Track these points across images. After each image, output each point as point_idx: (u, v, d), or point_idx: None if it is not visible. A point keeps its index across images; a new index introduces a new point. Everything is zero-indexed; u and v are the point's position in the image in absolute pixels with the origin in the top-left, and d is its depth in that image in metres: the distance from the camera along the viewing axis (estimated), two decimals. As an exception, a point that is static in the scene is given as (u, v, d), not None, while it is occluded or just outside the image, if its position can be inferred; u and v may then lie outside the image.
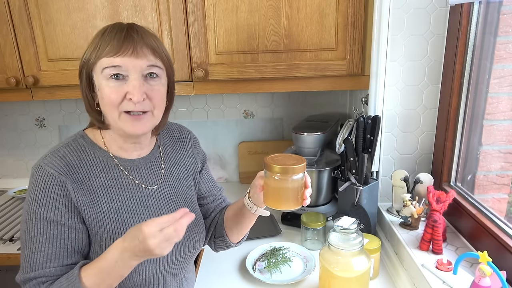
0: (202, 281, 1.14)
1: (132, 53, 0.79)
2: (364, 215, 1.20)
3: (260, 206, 0.93)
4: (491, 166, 1.11)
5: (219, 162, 1.87)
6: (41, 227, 0.80)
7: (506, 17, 1.01)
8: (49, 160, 0.82)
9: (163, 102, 0.87)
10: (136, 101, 0.79)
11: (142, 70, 0.81)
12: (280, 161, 0.82)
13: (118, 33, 0.79)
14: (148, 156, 0.95)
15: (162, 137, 1.01)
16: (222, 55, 1.33)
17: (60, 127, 1.86)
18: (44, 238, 0.80)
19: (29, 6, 1.29)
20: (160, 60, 0.84)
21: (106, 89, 0.80)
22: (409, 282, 1.03)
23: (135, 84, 0.79)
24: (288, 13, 1.28)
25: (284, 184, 0.82)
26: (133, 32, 0.80)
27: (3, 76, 1.36)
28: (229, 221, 1.02)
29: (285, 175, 0.81)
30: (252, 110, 1.81)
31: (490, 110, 1.07)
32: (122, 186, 0.89)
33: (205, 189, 1.08)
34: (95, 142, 0.89)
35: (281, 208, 0.85)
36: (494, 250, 0.92)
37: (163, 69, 0.85)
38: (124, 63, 0.78)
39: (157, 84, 0.84)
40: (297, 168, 0.80)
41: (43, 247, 0.80)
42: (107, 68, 0.79)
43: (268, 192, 0.85)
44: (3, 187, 1.86)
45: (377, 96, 1.23)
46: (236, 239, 1.05)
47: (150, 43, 0.82)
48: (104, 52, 0.79)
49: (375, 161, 1.27)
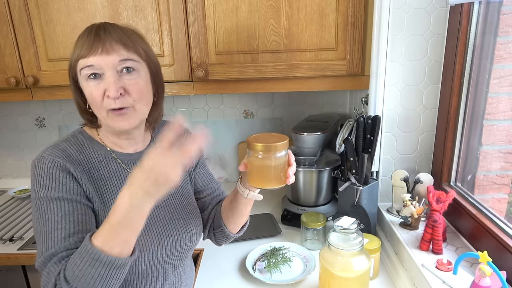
0: (202, 280, 1.14)
1: (102, 51, 0.81)
2: (364, 215, 1.20)
3: (251, 189, 0.93)
4: (491, 166, 1.11)
5: (219, 162, 1.87)
6: (54, 207, 0.78)
7: (506, 17, 1.01)
8: (51, 151, 0.83)
9: (145, 95, 0.87)
10: (113, 97, 0.81)
11: (115, 66, 0.82)
12: (262, 139, 0.81)
13: (89, 35, 0.82)
14: (144, 151, 0.96)
15: (158, 133, 1.03)
16: (222, 55, 1.33)
17: (60, 127, 1.86)
18: (59, 216, 0.77)
19: (29, 6, 1.29)
20: (135, 53, 0.84)
21: (87, 89, 0.83)
22: (409, 282, 1.03)
23: (110, 80, 0.81)
24: (288, 13, 1.28)
25: (266, 162, 0.81)
26: (100, 31, 0.83)
27: (3, 76, 1.36)
28: (226, 210, 1.03)
29: (268, 153, 0.80)
30: (252, 110, 1.81)
31: (490, 110, 1.07)
32: (120, 178, 0.91)
33: (202, 183, 1.09)
34: (93, 137, 0.92)
35: (265, 187, 0.84)
36: (494, 250, 0.92)
37: (140, 62, 0.86)
38: (96, 61, 0.81)
39: (134, 78, 0.84)
40: (279, 145, 0.80)
41: (59, 225, 0.77)
42: (83, 68, 0.82)
43: (252, 171, 0.85)
44: (3, 187, 1.86)
45: (377, 96, 1.23)
46: (234, 229, 1.05)
47: (121, 38, 0.83)
48: (79, 54, 0.82)
49: (375, 161, 1.27)
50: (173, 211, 0.96)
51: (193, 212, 1.01)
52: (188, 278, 1.04)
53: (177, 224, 0.95)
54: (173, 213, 0.95)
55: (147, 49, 0.88)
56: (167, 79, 1.34)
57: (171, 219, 0.94)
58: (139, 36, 0.88)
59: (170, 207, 0.96)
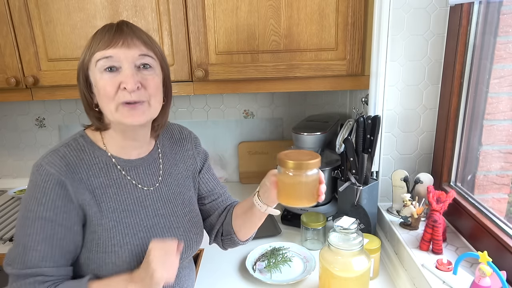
0: (202, 281, 1.14)
1: (123, 44, 0.81)
2: (364, 215, 1.20)
3: (270, 205, 0.92)
4: (491, 166, 1.11)
5: (219, 162, 1.87)
6: (38, 226, 0.80)
7: (506, 17, 1.01)
8: (50, 159, 0.83)
9: (159, 92, 0.88)
10: (130, 89, 0.81)
11: (134, 60, 0.82)
12: (294, 156, 0.81)
13: (109, 29, 0.83)
14: (147, 157, 0.95)
15: (161, 138, 1.02)
16: (222, 55, 1.33)
17: (60, 127, 1.86)
18: (40, 237, 0.80)
19: (29, 6, 1.29)
20: (152, 52, 0.86)
21: (101, 82, 0.82)
22: (409, 282, 1.03)
23: (128, 73, 0.81)
24: (288, 13, 1.28)
25: (298, 180, 0.81)
26: (123, 26, 0.84)
27: (3, 76, 1.36)
28: (238, 220, 1.02)
29: (299, 171, 0.80)
30: (252, 110, 1.81)
31: (490, 110, 1.07)
32: (120, 186, 0.90)
33: (207, 188, 1.08)
34: (94, 142, 0.90)
35: (295, 205, 0.84)
36: (494, 250, 0.92)
37: (156, 61, 0.87)
38: (116, 53, 0.80)
39: (151, 74, 0.85)
40: (311, 163, 0.79)
41: (39, 246, 0.80)
42: (100, 60, 0.81)
43: (282, 189, 0.84)
44: (3, 187, 1.86)
45: (377, 96, 1.24)
46: (244, 237, 1.04)
47: (141, 36, 0.84)
48: (97, 48, 0.81)
49: (375, 161, 1.27)
50: (173, 220, 0.95)
51: (194, 220, 1.00)
52: (188, 279, 1.04)
53: (177, 233, 0.94)
54: (173, 222, 0.95)
55: (162, 52, 0.90)
56: (167, 79, 1.35)
57: (171, 228, 0.94)
58: (154, 40, 0.90)
59: (170, 215, 0.95)
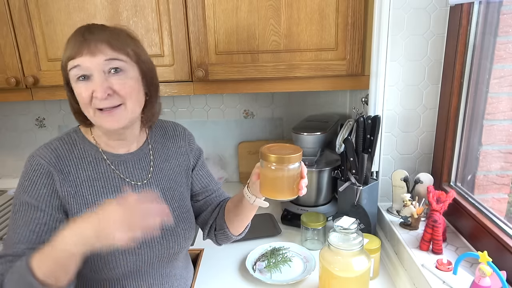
0: (202, 280, 1.14)
1: (87, 52, 0.82)
2: (364, 215, 1.20)
3: (258, 196, 0.93)
4: (491, 166, 1.11)
5: (219, 162, 1.87)
6: (22, 211, 0.84)
7: (506, 17, 1.01)
8: (41, 151, 0.88)
9: (135, 92, 0.87)
10: (100, 98, 0.82)
11: (102, 67, 0.82)
12: (276, 150, 0.82)
13: (77, 36, 0.84)
14: (137, 151, 0.97)
15: (154, 134, 1.03)
16: (222, 55, 1.33)
17: (60, 127, 1.86)
18: (22, 221, 0.83)
19: (29, 6, 1.29)
20: (122, 54, 0.84)
21: (76, 89, 0.85)
22: (409, 282, 1.03)
23: (97, 81, 0.82)
24: (288, 13, 1.28)
25: (280, 174, 0.82)
26: (86, 32, 0.84)
27: (3, 76, 1.36)
28: (230, 213, 1.03)
29: (281, 165, 0.81)
30: (252, 110, 1.81)
31: (490, 110, 1.07)
32: (107, 179, 0.92)
33: (201, 185, 1.08)
34: (86, 137, 0.94)
35: (276, 198, 0.85)
36: (494, 250, 0.92)
37: (128, 62, 0.85)
38: (82, 62, 0.82)
39: (122, 78, 0.84)
40: (293, 157, 0.80)
41: (18, 229, 0.83)
42: (72, 69, 0.83)
43: (264, 182, 0.85)
44: (3, 187, 1.86)
45: (377, 96, 1.23)
46: (237, 231, 1.05)
47: (107, 38, 0.83)
48: (68, 56, 0.84)
49: (375, 161, 1.27)
50: None
51: (183, 215, 1.00)
52: (180, 279, 1.04)
53: (163, 227, 0.94)
54: None
55: (136, 49, 0.88)
56: (167, 79, 1.35)
57: None
58: (129, 36, 0.88)
59: None
